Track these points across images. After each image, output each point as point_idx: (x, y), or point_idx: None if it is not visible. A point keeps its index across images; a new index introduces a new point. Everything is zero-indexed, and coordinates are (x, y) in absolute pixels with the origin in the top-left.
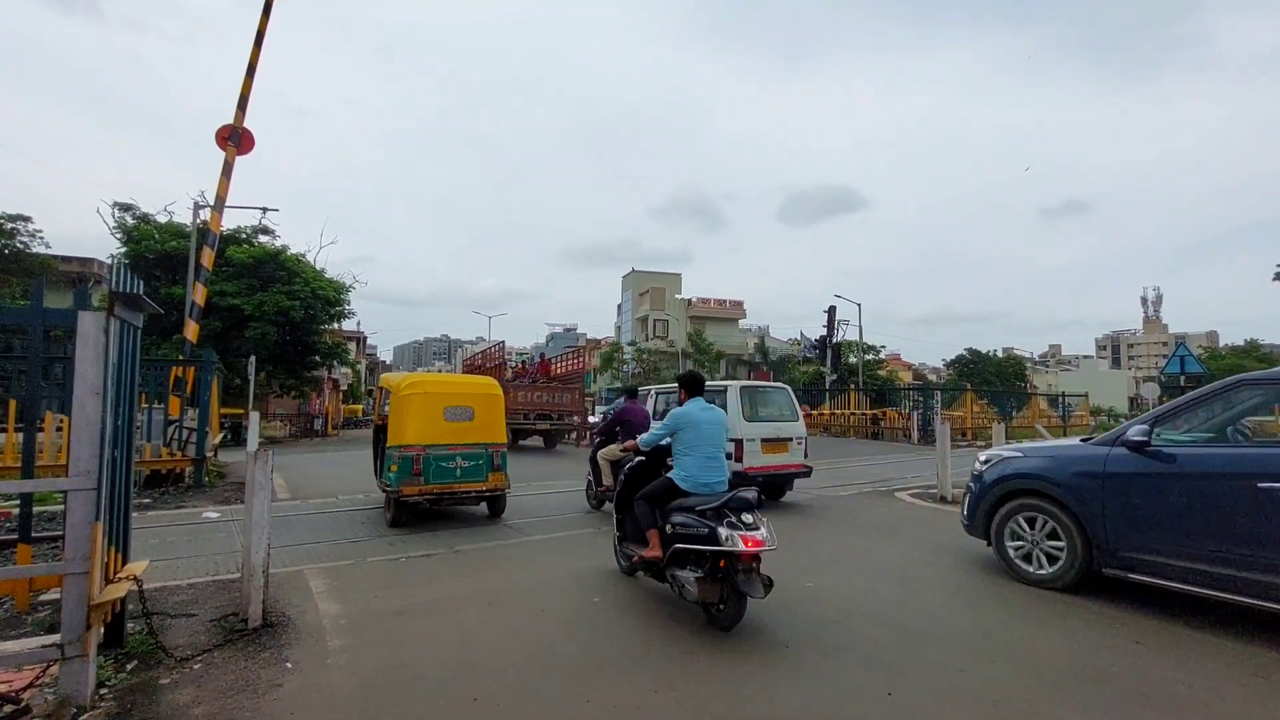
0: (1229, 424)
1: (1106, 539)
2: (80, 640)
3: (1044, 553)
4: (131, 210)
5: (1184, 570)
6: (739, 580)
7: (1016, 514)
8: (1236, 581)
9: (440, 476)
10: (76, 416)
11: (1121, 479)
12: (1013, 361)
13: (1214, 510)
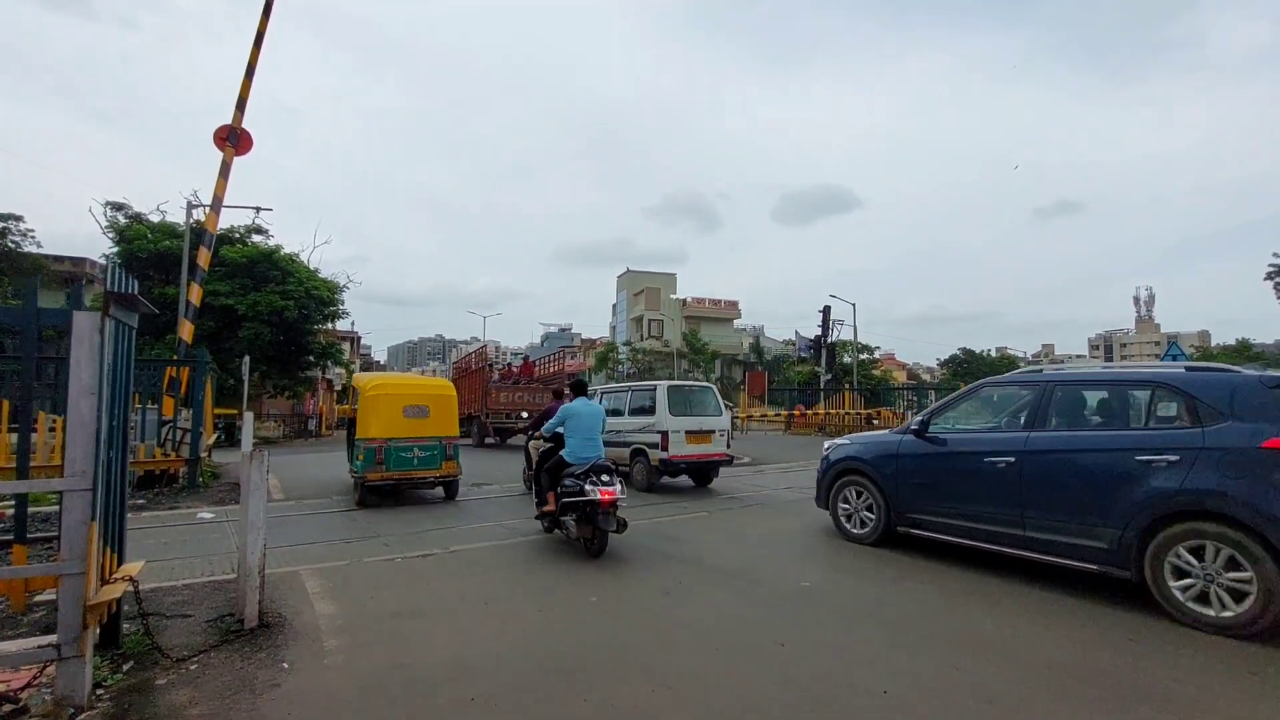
0: (978, 414)
1: (899, 504)
2: (77, 641)
3: (861, 516)
4: (124, 209)
5: (946, 524)
6: (599, 520)
7: (844, 488)
8: (975, 531)
9: (399, 465)
10: (71, 417)
11: (908, 458)
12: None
13: (962, 478)
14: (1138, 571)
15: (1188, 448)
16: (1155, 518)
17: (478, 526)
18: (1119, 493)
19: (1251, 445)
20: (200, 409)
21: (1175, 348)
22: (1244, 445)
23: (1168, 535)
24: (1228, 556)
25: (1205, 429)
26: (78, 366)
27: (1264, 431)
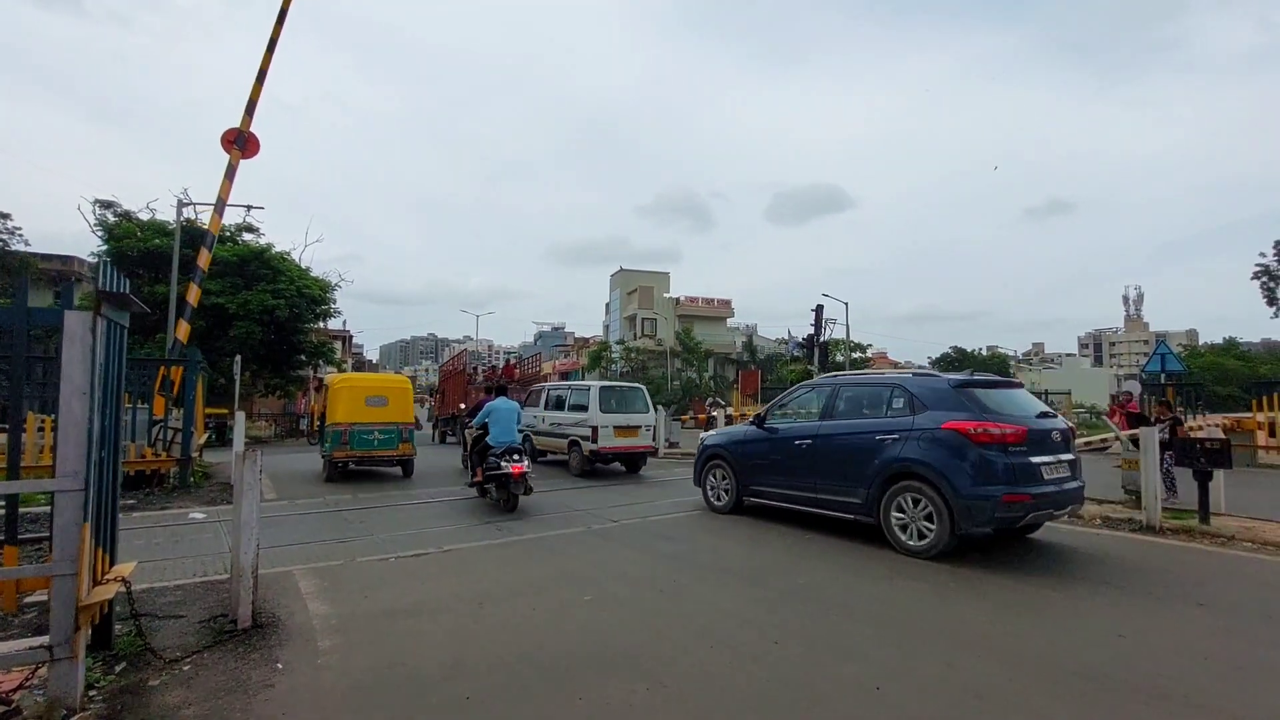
0: (796, 409)
1: (745, 479)
2: (69, 642)
3: (721, 491)
4: (113, 208)
5: (773, 493)
6: (511, 486)
7: (711, 470)
8: (789, 496)
9: (361, 445)
10: (63, 417)
11: (750, 444)
12: (998, 360)
13: (783, 457)
14: (877, 518)
15: (905, 429)
16: (886, 478)
17: (471, 526)
18: (869, 462)
19: (937, 426)
20: (191, 408)
21: (1164, 346)
22: (933, 427)
23: (893, 490)
24: (923, 503)
25: (915, 416)
26: (70, 366)
27: (944, 417)
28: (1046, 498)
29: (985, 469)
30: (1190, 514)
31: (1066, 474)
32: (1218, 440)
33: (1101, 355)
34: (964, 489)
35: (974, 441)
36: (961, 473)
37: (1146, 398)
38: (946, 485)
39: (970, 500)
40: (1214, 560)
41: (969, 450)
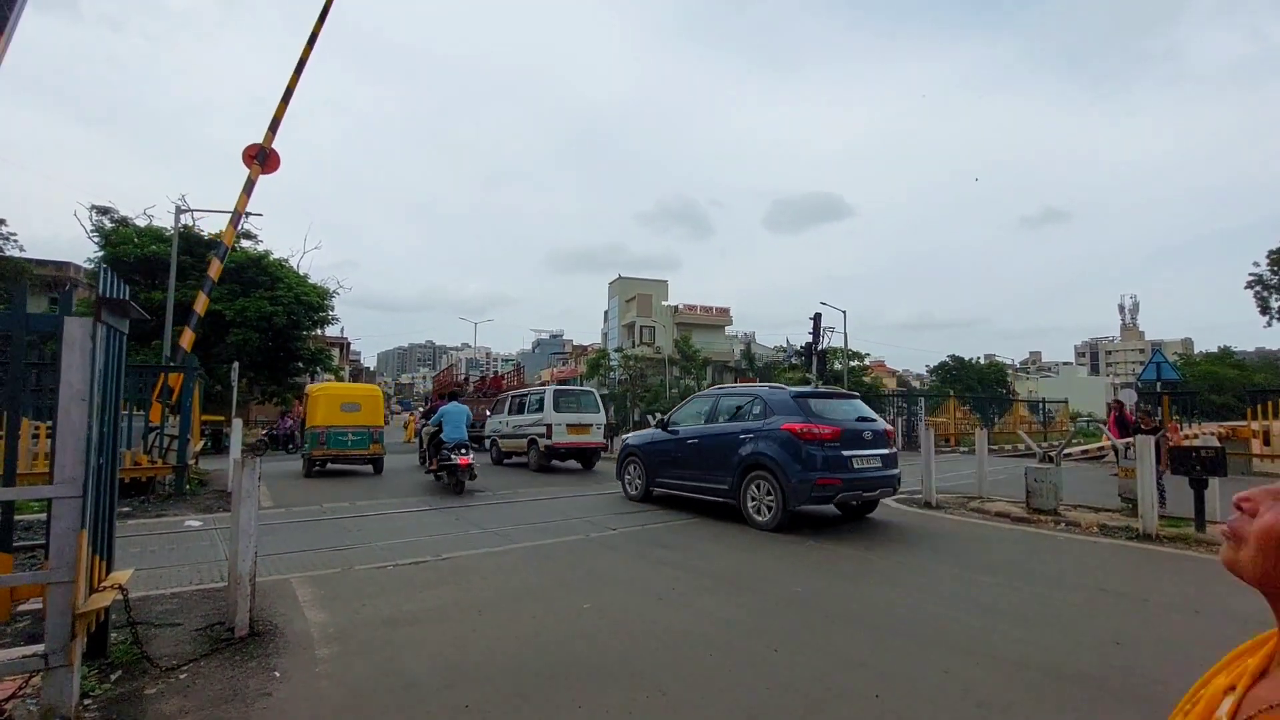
0: (693, 414)
1: (652, 473)
2: (64, 650)
3: (636, 481)
4: (109, 213)
5: (671, 484)
6: (459, 474)
7: (628, 466)
8: (683, 485)
9: (337, 444)
10: (61, 423)
11: (659, 443)
12: (995, 368)
13: (680, 454)
14: (739, 501)
15: (759, 430)
16: (744, 468)
17: (470, 533)
18: (733, 455)
19: (777, 428)
20: (187, 415)
21: (1159, 355)
22: (775, 428)
23: (749, 478)
24: (767, 488)
25: (765, 420)
26: (69, 372)
27: (784, 420)
28: (855, 482)
29: (808, 459)
30: (1185, 522)
31: (878, 465)
32: (1213, 448)
33: (1098, 364)
34: (793, 475)
35: (801, 438)
36: (791, 462)
37: (1142, 406)
38: (781, 473)
39: (796, 483)
40: (1209, 568)
41: (798, 445)
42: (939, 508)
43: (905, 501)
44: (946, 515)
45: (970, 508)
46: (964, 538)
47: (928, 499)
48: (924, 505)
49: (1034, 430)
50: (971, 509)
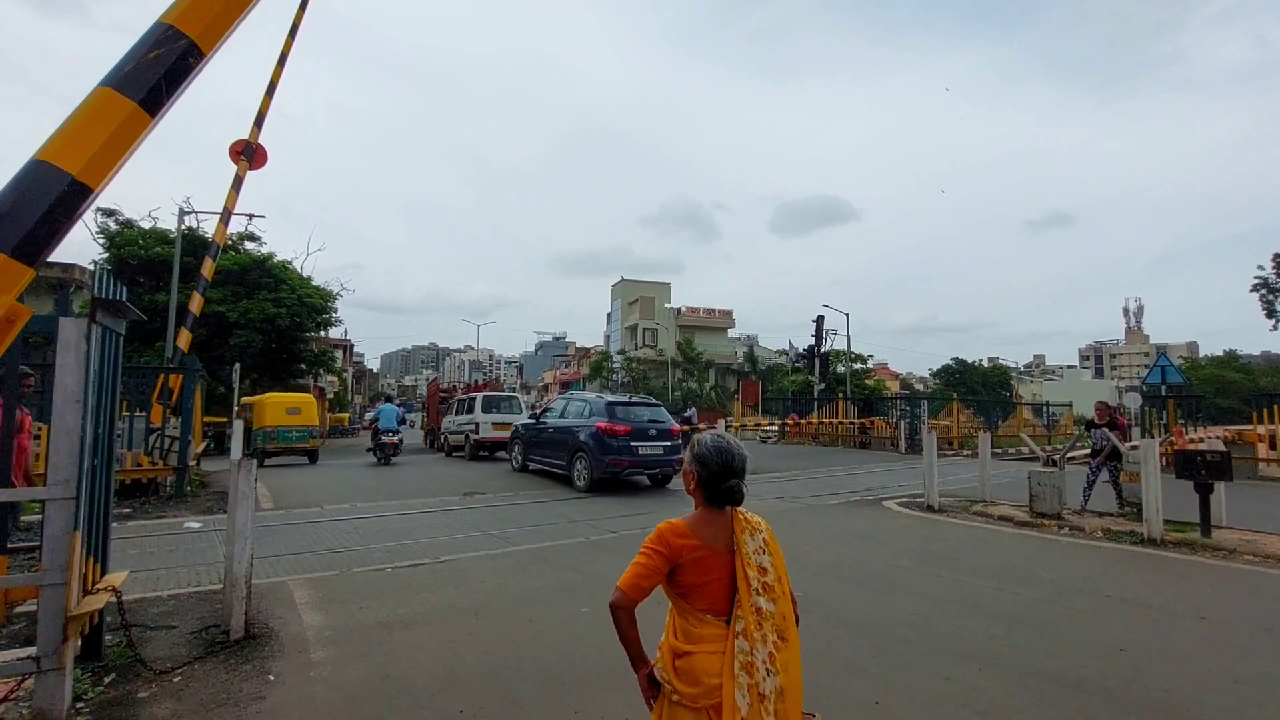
0: (554, 411)
1: (526, 452)
2: (57, 653)
3: (517, 458)
4: (114, 215)
5: (536, 459)
6: (385, 449)
7: (515, 445)
8: (542, 462)
9: (284, 440)
10: (56, 425)
11: (532, 429)
12: (998, 371)
13: (543, 439)
14: (571, 473)
15: (584, 426)
16: (573, 450)
17: (469, 536)
18: (570, 442)
19: (594, 426)
20: (189, 417)
21: (1164, 358)
22: (593, 426)
23: (575, 457)
24: (584, 464)
25: (589, 419)
26: (64, 373)
27: (598, 420)
28: (638, 463)
29: (607, 447)
30: (1191, 526)
31: (659, 452)
32: (1218, 453)
33: (1102, 367)
34: (597, 456)
35: (604, 434)
36: (597, 449)
37: (1146, 409)
38: (590, 455)
39: (597, 461)
40: (1215, 573)
41: (603, 438)
42: (941, 511)
43: (908, 505)
44: (949, 519)
45: (973, 511)
46: (966, 542)
47: (930, 502)
48: (926, 509)
49: (1037, 434)
50: (974, 513)
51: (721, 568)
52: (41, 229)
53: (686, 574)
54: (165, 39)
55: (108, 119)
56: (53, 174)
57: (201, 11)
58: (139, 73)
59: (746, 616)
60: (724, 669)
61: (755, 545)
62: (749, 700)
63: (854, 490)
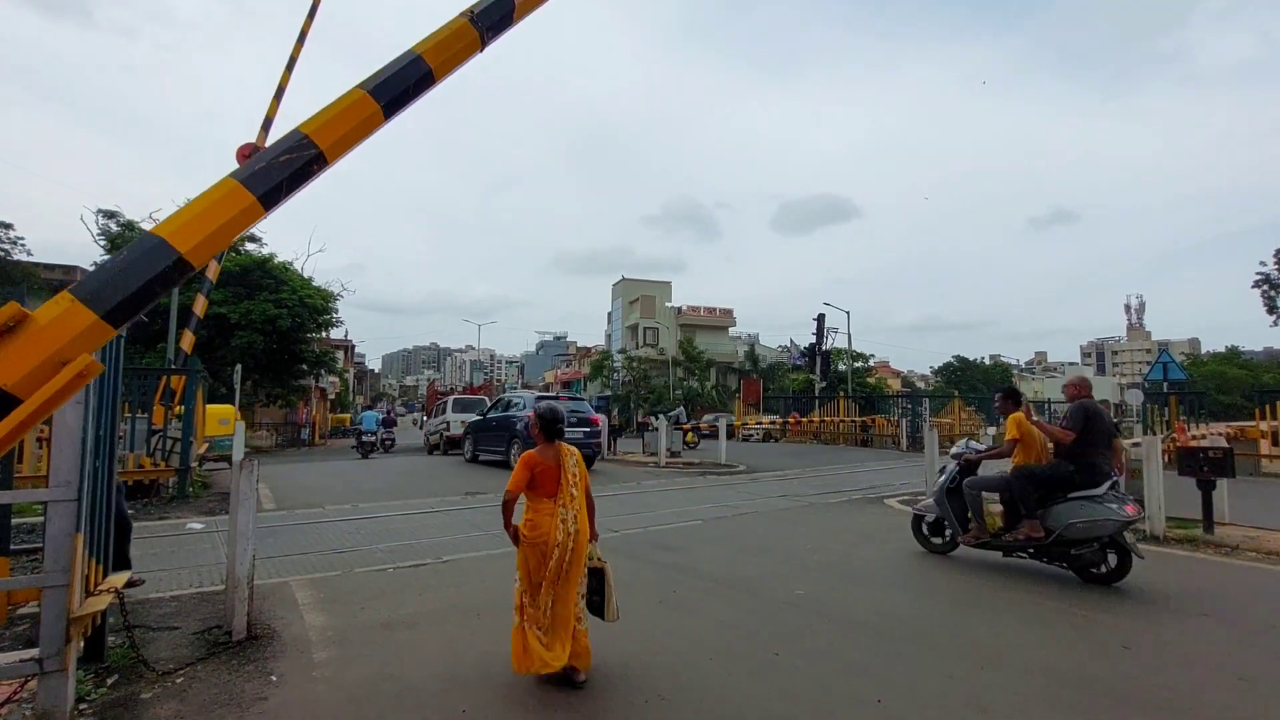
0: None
1: (477, 444)
2: (59, 654)
3: (469, 450)
4: (115, 217)
5: (484, 450)
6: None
7: (467, 439)
8: (492, 452)
9: (220, 449)
10: (57, 426)
11: (480, 423)
12: (1000, 369)
13: (488, 431)
14: (507, 458)
15: (519, 417)
16: (510, 439)
17: (471, 536)
18: (507, 433)
19: (525, 416)
20: (190, 418)
21: (1166, 354)
22: (524, 416)
23: (511, 443)
24: (518, 449)
25: (523, 411)
26: None
27: (529, 411)
28: None
29: None
30: (1193, 523)
31: (580, 437)
32: (1220, 449)
33: (1104, 364)
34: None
35: None
36: (526, 436)
37: (1149, 406)
38: (523, 441)
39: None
40: (1218, 570)
41: None
42: None
43: (909, 503)
44: None
45: None
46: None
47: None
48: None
49: None
50: None
51: (554, 474)
52: (137, 298)
53: (537, 479)
54: (298, 146)
55: (227, 209)
56: (163, 250)
57: (336, 128)
58: (267, 172)
59: (564, 497)
60: (552, 523)
61: (571, 463)
62: (562, 534)
63: (855, 488)
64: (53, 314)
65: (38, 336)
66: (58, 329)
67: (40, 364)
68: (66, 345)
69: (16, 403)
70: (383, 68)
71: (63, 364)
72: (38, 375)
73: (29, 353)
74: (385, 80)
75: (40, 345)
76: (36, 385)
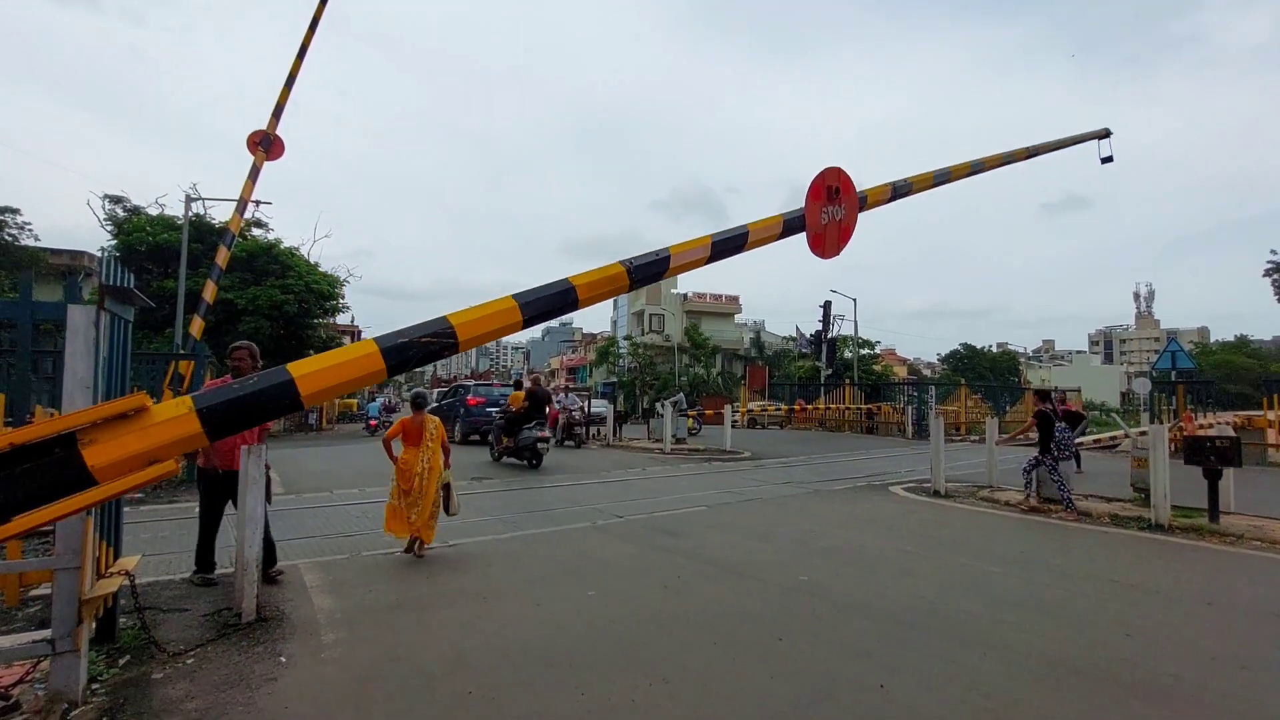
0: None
1: (465, 430)
2: (71, 635)
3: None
4: (122, 203)
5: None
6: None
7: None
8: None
9: None
10: (66, 410)
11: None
12: (1007, 357)
13: (443, 413)
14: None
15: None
16: (454, 418)
17: (476, 520)
18: (453, 412)
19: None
20: None
21: (1174, 343)
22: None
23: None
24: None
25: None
26: (73, 360)
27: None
28: (487, 421)
29: (470, 412)
30: (1199, 512)
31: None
32: (1227, 438)
33: (1112, 352)
34: (464, 419)
35: (469, 404)
36: (465, 414)
37: (1156, 395)
38: (461, 419)
39: (464, 422)
40: (1222, 559)
41: (469, 407)
42: (948, 496)
43: (914, 490)
44: (956, 504)
45: (980, 497)
46: (972, 527)
47: (937, 488)
48: (933, 494)
49: None
50: (981, 498)
51: (420, 430)
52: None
53: (407, 432)
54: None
55: (356, 368)
56: (289, 389)
57: (479, 326)
58: (405, 348)
59: (423, 446)
60: (416, 459)
61: (430, 426)
62: (420, 466)
63: (860, 475)
64: (168, 414)
65: (147, 431)
66: (166, 430)
67: (135, 456)
68: (166, 446)
69: (91, 484)
70: (539, 287)
71: (152, 462)
72: (127, 465)
73: (132, 443)
74: (536, 299)
75: (145, 440)
76: (119, 474)
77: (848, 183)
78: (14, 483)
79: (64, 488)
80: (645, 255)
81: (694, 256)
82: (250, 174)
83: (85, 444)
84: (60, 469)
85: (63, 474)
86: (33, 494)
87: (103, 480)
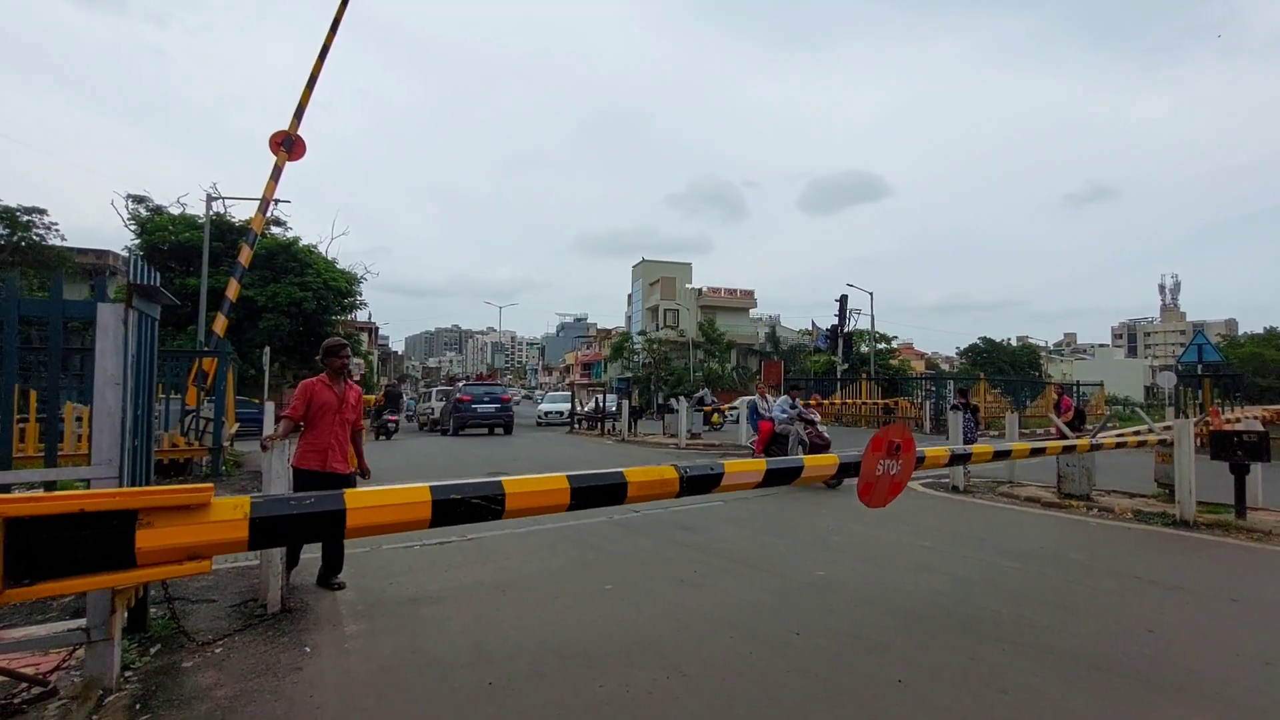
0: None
1: (456, 425)
2: (105, 624)
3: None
4: (145, 202)
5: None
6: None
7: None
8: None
9: None
10: (97, 407)
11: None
12: (1027, 350)
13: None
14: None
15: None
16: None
17: None
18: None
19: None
20: (222, 399)
21: (1201, 336)
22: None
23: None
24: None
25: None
26: (103, 357)
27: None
28: (476, 418)
29: (459, 408)
30: (1225, 508)
31: (492, 412)
32: (1256, 433)
33: (1136, 346)
34: (454, 413)
35: (460, 400)
36: (454, 410)
37: (1181, 389)
38: (451, 414)
39: (454, 417)
40: (1248, 555)
41: (460, 403)
42: (968, 492)
43: (933, 486)
44: (975, 500)
45: (1000, 492)
46: (992, 523)
47: (955, 483)
48: (952, 490)
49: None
50: (1001, 494)
51: (334, 401)
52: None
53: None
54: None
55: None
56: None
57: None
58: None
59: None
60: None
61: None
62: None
63: None
64: (225, 515)
65: (199, 526)
66: (217, 529)
67: (180, 548)
68: (210, 544)
69: (131, 567)
70: (593, 474)
71: (191, 558)
72: (169, 554)
73: (183, 535)
74: (587, 485)
75: (195, 535)
76: (158, 562)
77: (909, 442)
78: (65, 547)
79: (106, 563)
80: (700, 466)
81: (746, 480)
82: (272, 174)
83: (142, 525)
84: (111, 544)
85: (111, 550)
86: (78, 561)
87: (141, 564)
